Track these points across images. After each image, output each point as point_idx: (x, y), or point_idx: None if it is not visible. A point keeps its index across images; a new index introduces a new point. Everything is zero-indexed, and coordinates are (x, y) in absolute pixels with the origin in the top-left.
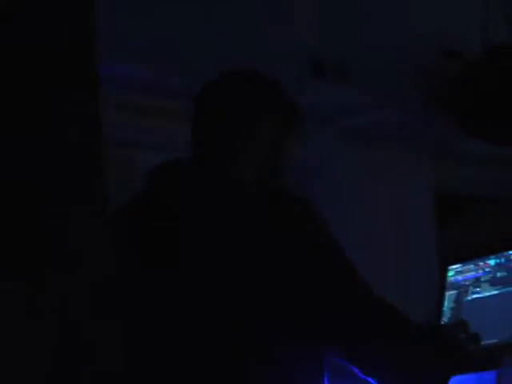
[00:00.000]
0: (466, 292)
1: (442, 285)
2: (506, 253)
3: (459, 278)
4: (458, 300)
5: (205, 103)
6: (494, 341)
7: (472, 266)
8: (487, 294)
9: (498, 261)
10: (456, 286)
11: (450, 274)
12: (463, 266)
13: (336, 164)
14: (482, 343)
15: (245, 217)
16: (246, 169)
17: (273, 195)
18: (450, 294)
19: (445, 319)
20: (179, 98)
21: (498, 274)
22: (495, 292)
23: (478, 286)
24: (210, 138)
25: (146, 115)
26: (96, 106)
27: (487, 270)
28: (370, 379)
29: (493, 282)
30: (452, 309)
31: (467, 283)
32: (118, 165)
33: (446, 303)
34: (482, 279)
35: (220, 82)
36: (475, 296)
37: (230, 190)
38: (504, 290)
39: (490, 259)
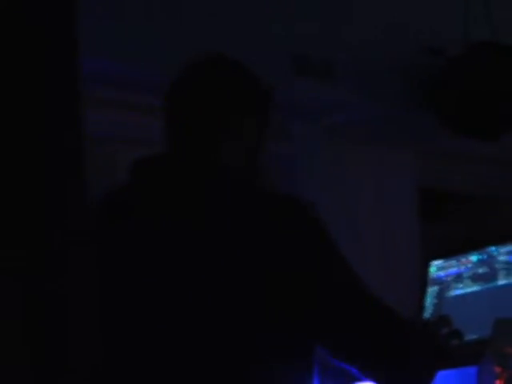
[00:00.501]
0: (448, 288)
1: (424, 280)
2: (488, 249)
3: (441, 273)
4: (439, 296)
5: (185, 97)
6: (475, 336)
7: (454, 261)
8: (469, 290)
9: (480, 257)
10: (438, 281)
11: (432, 269)
12: (445, 261)
13: (319, 161)
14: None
15: (242, 217)
16: (231, 162)
17: (272, 196)
18: (432, 290)
19: (426, 315)
20: (157, 93)
21: (480, 271)
22: (477, 288)
23: (460, 282)
24: (192, 132)
25: (123, 110)
26: (77, 102)
27: (469, 266)
28: (362, 376)
29: (475, 278)
30: (434, 304)
31: (449, 279)
32: (98, 161)
33: (427, 299)
34: (464, 275)
35: (197, 73)
36: (457, 292)
37: (229, 188)
38: (486, 286)
39: (472, 255)
